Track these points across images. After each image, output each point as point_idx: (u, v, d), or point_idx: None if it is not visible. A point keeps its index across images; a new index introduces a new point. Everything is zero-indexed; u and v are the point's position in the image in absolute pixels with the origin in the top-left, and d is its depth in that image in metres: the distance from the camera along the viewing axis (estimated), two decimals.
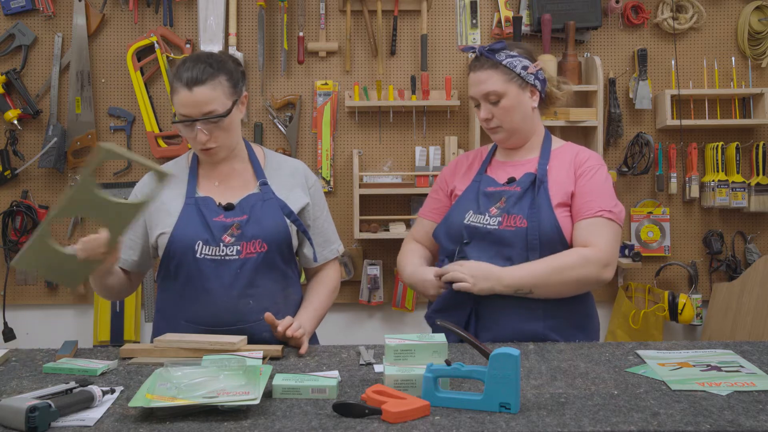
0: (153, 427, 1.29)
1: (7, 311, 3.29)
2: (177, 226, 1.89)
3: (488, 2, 3.37)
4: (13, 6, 3.25)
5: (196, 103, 1.84)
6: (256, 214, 1.91)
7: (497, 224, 1.95)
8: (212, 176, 1.98)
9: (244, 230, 1.89)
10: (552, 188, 1.96)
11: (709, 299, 3.30)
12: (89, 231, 3.31)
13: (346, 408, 1.33)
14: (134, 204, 1.77)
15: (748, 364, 1.64)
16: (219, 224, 1.88)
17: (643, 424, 1.27)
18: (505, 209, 1.96)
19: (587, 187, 1.97)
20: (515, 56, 1.99)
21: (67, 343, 1.80)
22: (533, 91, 2.01)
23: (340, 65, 3.35)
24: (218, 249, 1.87)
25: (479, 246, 1.97)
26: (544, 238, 1.93)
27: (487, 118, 2.00)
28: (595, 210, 1.93)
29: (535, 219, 1.93)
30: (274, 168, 2.04)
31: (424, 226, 2.18)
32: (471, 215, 2.00)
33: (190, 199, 1.92)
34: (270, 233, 1.91)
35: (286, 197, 1.97)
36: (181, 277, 1.90)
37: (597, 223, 1.93)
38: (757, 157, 3.31)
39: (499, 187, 2.01)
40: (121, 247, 1.76)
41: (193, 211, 1.90)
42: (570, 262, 1.90)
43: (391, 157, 3.35)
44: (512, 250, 1.93)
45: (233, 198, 1.94)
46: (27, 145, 3.30)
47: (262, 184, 1.97)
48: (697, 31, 3.39)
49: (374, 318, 3.42)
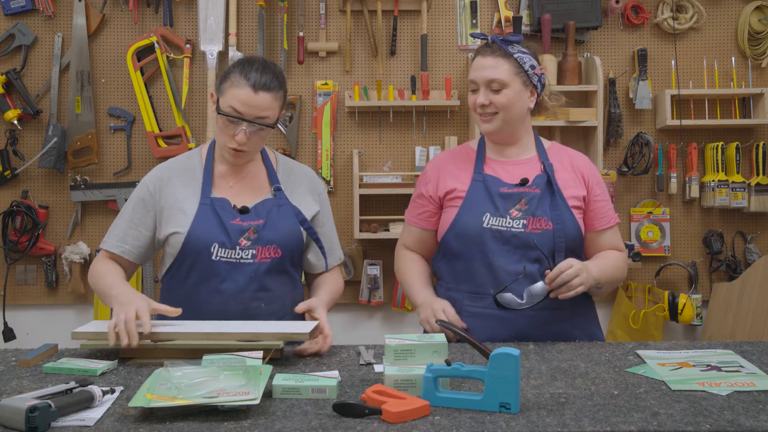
0: (153, 427, 1.29)
1: (7, 311, 3.29)
2: (193, 227, 1.88)
3: (488, 2, 3.37)
4: (13, 6, 3.26)
5: (256, 106, 1.85)
6: (272, 220, 1.92)
7: (522, 227, 1.93)
8: (228, 177, 1.98)
9: (261, 235, 1.90)
10: (564, 191, 1.98)
11: (709, 299, 3.30)
12: (89, 230, 3.31)
13: (346, 408, 1.33)
14: None
15: (748, 364, 1.64)
16: (236, 227, 1.89)
17: (643, 424, 1.27)
18: (529, 211, 1.93)
19: (601, 196, 2.05)
20: (526, 53, 1.99)
21: (44, 346, 1.79)
22: (533, 92, 2.00)
23: (340, 65, 3.35)
24: (234, 252, 1.88)
25: (503, 250, 1.93)
26: (569, 239, 1.95)
27: (485, 104, 1.96)
28: (613, 219, 2.05)
29: (560, 221, 1.94)
30: (287, 173, 2.05)
31: (413, 233, 2.12)
32: (490, 218, 1.94)
33: (205, 199, 1.92)
34: (285, 239, 1.93)
35: (299, 204, 1.99)
36: (194, 277, 1.90)
37: (616, 231, 2.07)
38: (757, 157, 3.31)
39: (515, 188, 1.97)
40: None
41: (208, 212, 1.90)
42: (621, 264, 2.04)
43: (391, 157, 3.35)
44: (537, 252, 1.91)
45: (248, 201, 1.94)
46: (27, 145, 3.30)
47: (276, 189, 1.98)
48: (697, 31, 3.39)
49: (374, 318, 3.42)
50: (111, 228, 2.00)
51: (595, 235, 2.03)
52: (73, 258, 3.24)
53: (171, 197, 1.93)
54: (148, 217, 1.95)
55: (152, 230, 1.96)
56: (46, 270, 3.28)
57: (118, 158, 3.33)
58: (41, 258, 3.29)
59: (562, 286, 1.81)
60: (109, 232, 1.99)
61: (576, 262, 1.84)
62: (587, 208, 2.02)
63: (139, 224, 1.95)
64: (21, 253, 3.22)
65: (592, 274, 1.88)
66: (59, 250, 3.29)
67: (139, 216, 1.96)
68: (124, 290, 1.82)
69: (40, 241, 3.25)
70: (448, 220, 2.01)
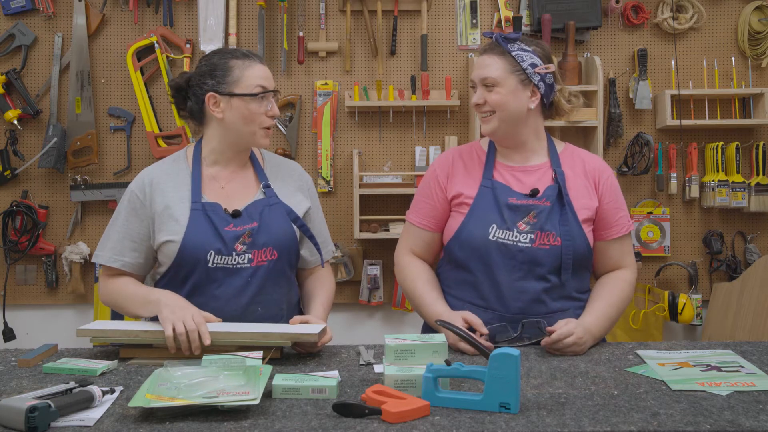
0: (153, 427, 1.29)
1: (7, 311, 3.29)
2: (187, 235, 1.85)
3: (488, 2, 3.37)
4: (13, 6, 3.25)
5: (271, 77, 1.94)
6: (265, 221, 1.90)
7: (530, 242, 1.86)
8: (219, 178, 1.95)
9: (255, 238, 1.88)
10: (575, 203, 1.91)
11: (709, 299, 3.30)
12: (89, 230, 3.31)
13: (346, 408, 1.33)
14: None
15: (748, 364, 1.64)
16: (230, 233, 1.86)
17: (643, 424, 1.27)
18: (537, 226, 1.86)
19: (612, 203, 1.96)
20: (527, 51, 1.92)
21: (44, 346, 1.79)
22: (534, 91, 1.92)
23: (340, 65, 3.35)
24: (230, 258, 1.86)
25: (509, 265, 1.87)
26: (577, 256, 1.89)
27: (479, 102, 1.93)
28: (625, 228, 1.97)
29: (569, 237, 1.87)
30: (274, 169, 2.03)
31: (422, 237, 2.02)
32: (496, 230, 1.87)
33: (196, 204, 1.88)
34: (280, 240, 1.91)
35: (289, 201, 1.97)
36: (189, 284, 1.88)
37: (627, 242, 1.99)
38: (757, 157, 3.31)
39: (524, 199, 1.89)
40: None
41: (201, 218, 1.86)
42: (627, 296, 1.95)
43: (391, 157, 3.35)
44: (543, 269, 1.87)
45: (239, 202, 1.91)
46: (27, 145, 3.30)
47: (265, 186, 1.96)
48: (697, 31, 3.39)
49: (374, 318, 3.42)
50: (103, 240, 1.93)
51: (604, 244, 1.96)
52: (73, 258, 3.24)
53: (160, 204, 1.88)
54: (143, 227, 1.90)
55: (147, 240, 1.91)
56: (46, 270, 3.28)
57: (118, 158, 3.33)
58: (41, 258, 3.29)
59: (558, 348, 1.76)
60: (102, 244, 1.92)
61: (578, 328, 1.75)
62: (597, 216, 1.94)
63: (135, 236, 1.90)
64: (21, 253, 3.22)
65: (594, 335, 1.82)
66: (59, 250, 3.29)
67: (134, 227, 1.90)
68: (164, 294, 1.82)
69: (40, 241, 3.25)
70: (453, 227, 1.95)
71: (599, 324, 1.84)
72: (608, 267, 1.99)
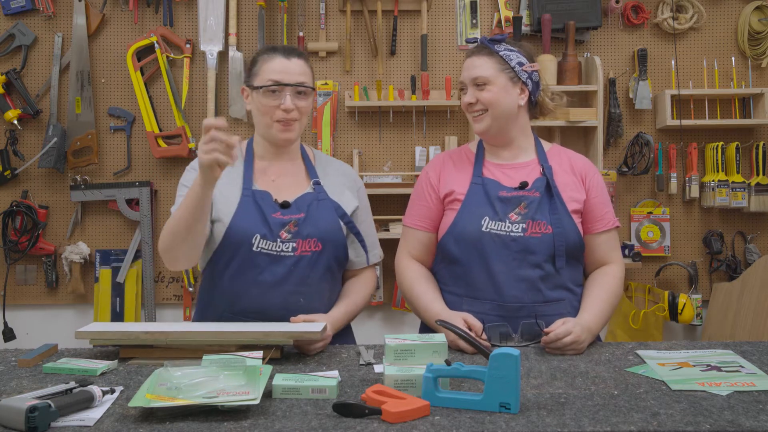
0: (153, 427, 1.29)
1: (7, 311, 3.29)
2: (235, 218, 1.90)
3: (488, 2, 3.37)
4: (13, 6, 3.26)
5: (293, 71, 1.93)
6: (312, 214, 1.94)
7: (522, 231, 1.91)
8: (269, 172, 2.00)
9: (301, 228, 1.91)
10: (563, 194, 1.96)
11: (709, 299, 3.30)
12: (89, 230, 3.31)
13: (346, 408, 1.33)
14: None
15: (748, 364, 1.64)
16: (277, 220, 1.90)
17: (643, 424, 1.27)
18: (528, 215, 1.91)
19: (599, 198, 2.01)
20: (513, 50, 1.99)
21: (44, 346, 1.79)
22: (523, 89, 1.98)
23: (340, 65, 3.35)
24: (275, 244, 1.89)
25: (502, 254, 1.90)
26: (569, 244, 1.93)
27: (471, 102, 1.98)
28: (611, 222, 2.01)
29: (560, 225, 1.92)
30: (324, 168, 2.07)
31: (419, 238, 2.05)
32: (488, 221, 1.92)
33: (247, 191, 1.94)
34: (325, 233, 1.94)
35: (338, 198, 2.00)
36: (233, 267, 1.91)
37: (614, 237, 2.03)
38: (757, 157, 3.31)
39: (514, 191, 1.95)
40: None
41: (250, 204, 1.91)
42: (618, 291, 1.98)
43: (391, 157, 3.35)
44: (537, 257, 1.90)
45: (288, 195, 1.96)
46: (27, 145, 3.30)
47: (315, 183, 2.00)
48: (697, 31, 3.39)
49: (374, 318, 3.42)
50: None
51: (591, 238, 2.00)
52: (73, 258, 3.24)
53: (215, 189, 1.88)
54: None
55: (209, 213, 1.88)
56: (46, 270, 3.28)
57: (118, 158, 3.33)
58: (41, 258, 3.29)
59: (557, 347, 1.77)
60: None
61: (576, 327, 1.76)
62: (585, 209, 2.00)
63: None
64: (21, 253, 3.22)
65: (592, 332, 1.83)
66: (59, 250, 3.29)
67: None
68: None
69: (40, 241, 3.25)
70: (446, 223, 1.99)
71: (596, 321, 1.87)
72: (596, 262, 2.02)
